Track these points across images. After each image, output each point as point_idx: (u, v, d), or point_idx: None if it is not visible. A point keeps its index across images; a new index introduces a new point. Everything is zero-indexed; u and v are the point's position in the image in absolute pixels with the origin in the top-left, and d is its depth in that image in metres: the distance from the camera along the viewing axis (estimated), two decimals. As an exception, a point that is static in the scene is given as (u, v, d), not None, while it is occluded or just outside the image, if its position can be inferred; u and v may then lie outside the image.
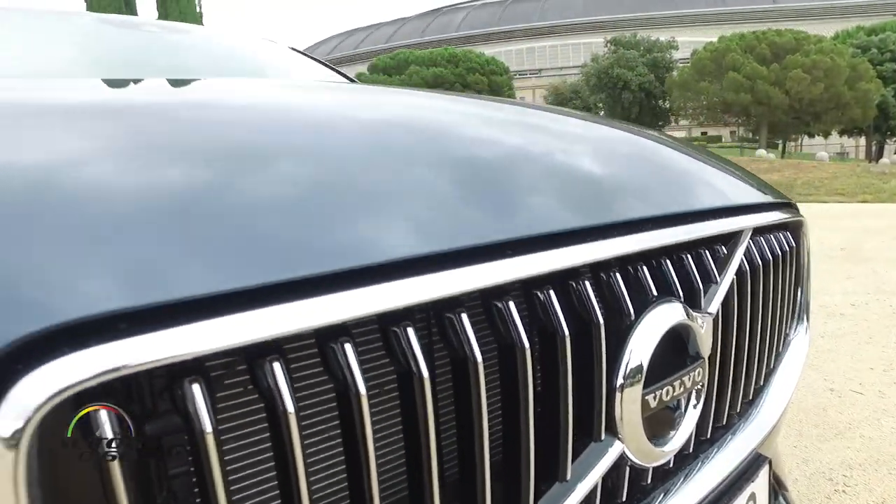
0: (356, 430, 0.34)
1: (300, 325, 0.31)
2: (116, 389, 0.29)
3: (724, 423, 0.67)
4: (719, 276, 0.60)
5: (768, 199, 0.79)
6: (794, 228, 0.82)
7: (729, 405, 0.67)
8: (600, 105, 26.99)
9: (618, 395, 0.48)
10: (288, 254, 0.34)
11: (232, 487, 0.32)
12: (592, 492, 0.48)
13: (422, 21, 63.17)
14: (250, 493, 0.36)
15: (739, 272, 0.64)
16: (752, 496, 0.67)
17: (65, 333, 0.26)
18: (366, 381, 0.34)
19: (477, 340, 0.38)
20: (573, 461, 0.46)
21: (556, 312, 0.43)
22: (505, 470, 0.44)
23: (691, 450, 0.61)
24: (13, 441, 0.24)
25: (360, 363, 0.34)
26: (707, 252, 0.60)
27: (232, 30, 2.98)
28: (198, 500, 0.30)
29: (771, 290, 0.72)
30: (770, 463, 0.72)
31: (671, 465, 0.59)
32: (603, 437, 0.48)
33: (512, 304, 0.41)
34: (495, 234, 0.42)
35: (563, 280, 0.45)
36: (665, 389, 0.51)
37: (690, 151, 0.85)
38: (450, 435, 0.43)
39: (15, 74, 1.26)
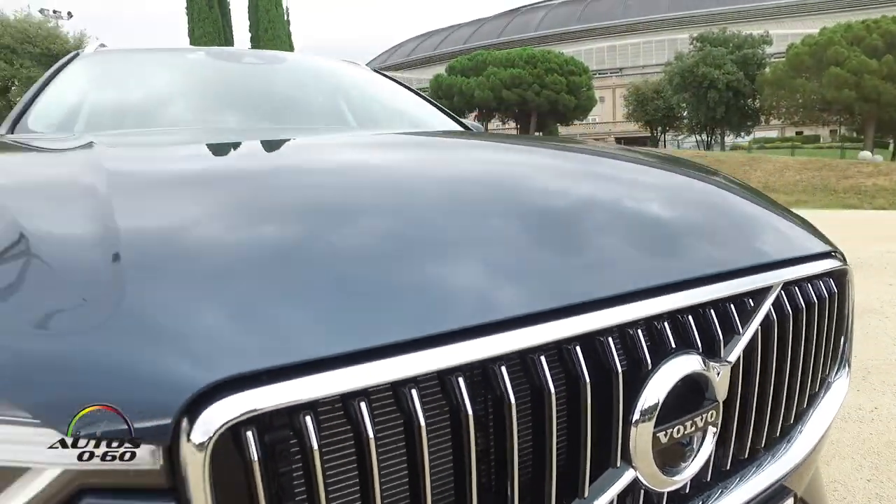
0: (418, 453, 0.47)
1: (378, 380, 0.45)
2: (259, 417, 0.42)
3: (747, 456, 0.73)
4: (743, 327, 0.66)
5: (808, 250, 0.83)
6: (838, 276, 0.84)
7: (752, 441, 0.73)
8: (683, 105, 26.25)
9: (633, 430, 0.56)
10: (373, 325, 0.49)
11: (329, 487, 0.47)
12: None
13: (500, 21, 63.57)
14: (340, 492, 0.49)
15: (767, 321, 0.69)
16: None
17: (230, 383, 0.42)
18: (425, 415, 0.46)
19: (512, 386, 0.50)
20: (591, 482, 0.56)
21: (580, 363, 0.53)
22: (535, 486, 0.55)
23: (709, 479, 0.68)
24: (202, 447, 0.40)
25: (423, 404, 0.46)
26: (732, 306, 0.67)
27: (338, 62, 3.20)
28: (303, 496, 0.45)
29: (804, 337, 0.76)
30: (795, 496, 0.77)
31: (687, 490, 0.66)
32: (619, 464, 0.57)
33: (543, 358, 0.51)
34: (537, 304, 0.54)
35: (590, 336, 0.55)
36: (676, 428, 0.59)
37: (735, 198, 0.95)
38: (489, 457, 0.54)
39: (154, 121, 1.61)
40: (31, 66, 21.72)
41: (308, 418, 0.43)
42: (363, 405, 0.45)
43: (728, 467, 0.71)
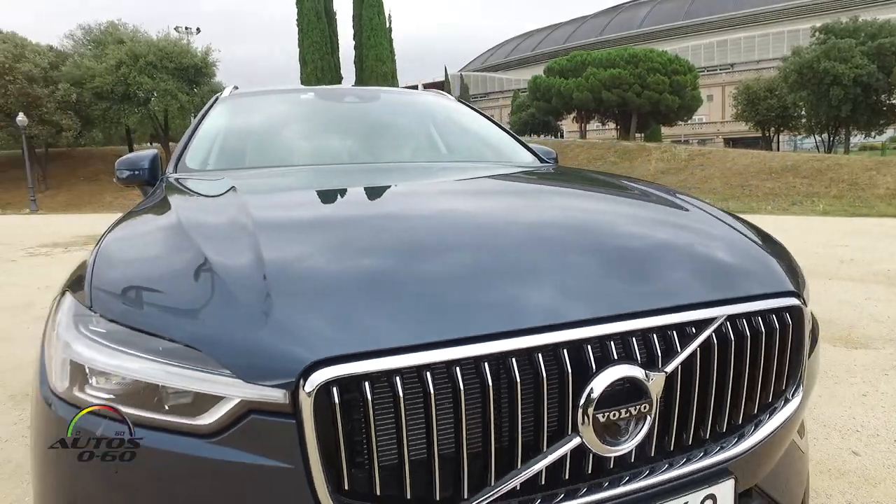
0: (432, 414, 0.78)
1: (437, 359, 0.79)
2: (339, 381, 0.76)
3: (692, 442, 0.97)
4: (682, 347, 0.90)
5: (762, 289, 1.04)
6: (793, 311, 1.04)
7: (695, 432, 0.96)
8: (800, 104, 24.30)
9: (580, 411, 0.84)
10: (404, 329, 0.82)
11: (377, 428, 0.78)
12: (562, 460, 0.86)
13: (601, 19, 62.15)
14: (382, 432, 0.79)
15: (708, 342, 0.92)
16: (712, 496, 0.95)
17: (325, 360, 0.76)
18: (436, 392, 0.78)
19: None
20: (549, 444, 0.85)
21: (540, 365, 0.83)
22: (510, 444, 0.84)
23: (653, 454, 0.94)
24: (309, 395, 0.73)
25: (435, 384, 0.78)
26: (674, 332, 0.91)
27: (430, 95, 3.49)
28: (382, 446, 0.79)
29: (749, 357, 0.96)
30: (736, 479, 0.97)
31: (633, 459, 0.92)
32: (569, 433, 0.85)
33: (514, 360, 0.82)
34: (525, 322, 0.85)
35: (552, 346, 0.84)
36: (612, 413, 0.84)
37: (711, 239, 1.20)
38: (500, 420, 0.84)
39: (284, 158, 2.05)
40: (167, 79, 24.86)
41: (366, 384, 0.77)
42: (398, 379, 0.78)
43: (672, 448, 0.95)
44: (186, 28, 46.52)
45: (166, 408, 0.81)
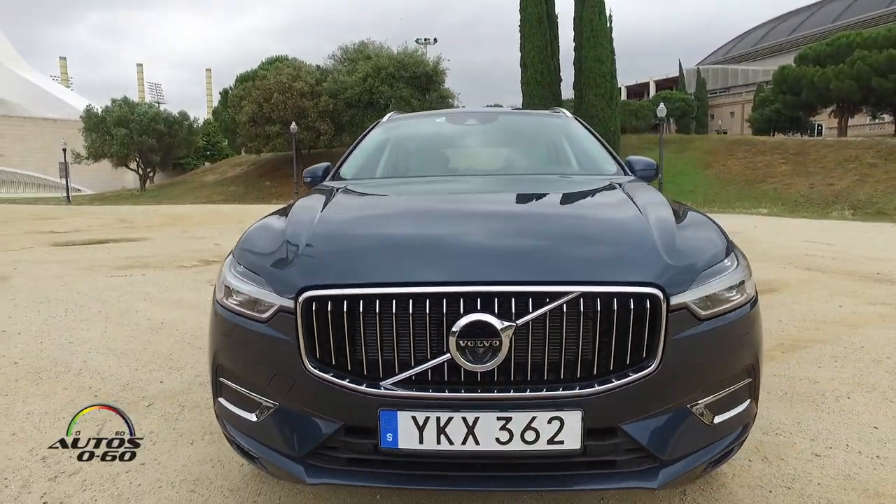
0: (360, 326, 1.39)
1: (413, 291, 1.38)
2: (316, 299, 1.41)
3: (547, 378, 1.37)
4: (535, 309, 1.33)
5: (622, 278, 1.39)
6: (651, 299, 1.37)
7: (551, 371, 1.37)
8: None
9: (451, 339, 1.29)
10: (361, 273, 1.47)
11: (349, 335, 1.41)
12: (440, 367, 1.34)
13: (888, -10, 51.62)
14: (353, 337, 1.41)
15: (560, 310, 1.33)
16: (560, 419, 1.33)
17: (311, 287, 1.43)
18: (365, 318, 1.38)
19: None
20: (432, 356, 1.34)
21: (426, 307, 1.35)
22: (410, 352, 1.38)
23: (512, 379, 1.36)
24: (300, 307, 1.40)
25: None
26: (531, 298, 1.34)
27: (547, 115, 3.75)
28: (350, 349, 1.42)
29: (599, 325, 1.35)
30: (584, 412, 1.33)
31: (496, 378, 1.35)
32: (445, 352, 1.31)
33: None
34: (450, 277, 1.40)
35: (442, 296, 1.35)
36: (471, 341, 1.30)
37: (618, 234, 1.64)
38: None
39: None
40: (403, 87, 28.79)
41: (330, 304, 1.38)
42: (350, 306, 1.38)
43: (529, 379, 1.37)
44: (425, 39, 52.51)
45: (254, 309, 1.53)
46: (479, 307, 1.34)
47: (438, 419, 1.35)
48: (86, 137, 36.48)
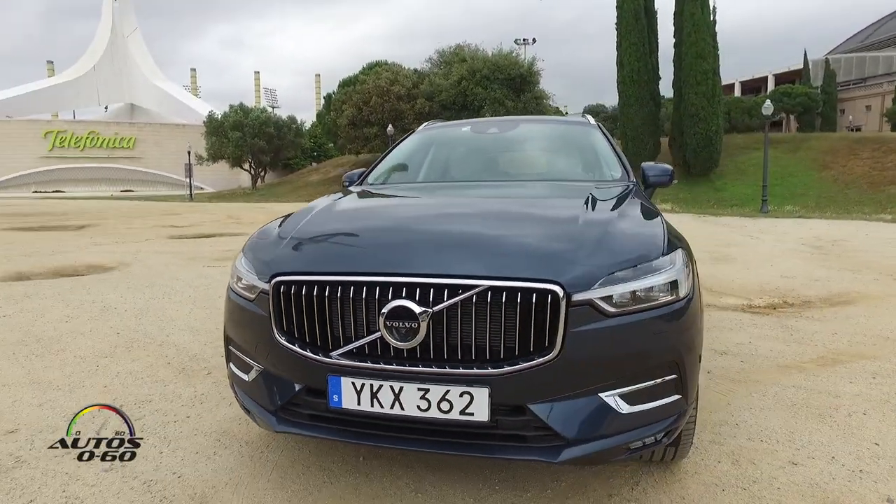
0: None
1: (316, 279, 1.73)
2: (284, 283, 1.76)
3: (461, 357, 1.60)
4: (448, 298, 1.56)
5: (525, 275, 1.59)
6: (551, 295, 1.56)
7: (462, 351, 1.60)
8: None
9: (380, 319, 1.59)
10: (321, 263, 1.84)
11: (307, 313, 1.74)
12: (375, 343, 1.65)
13: None
14: (310, 315, 1.74)
15: (469, 300, 1.57)
16: (469, 394, 1.57)
17: (281, 273, 1.78)
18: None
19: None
20: (368, 333, 1.65)
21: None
22: (353, 329, 1.70)
23: (431, 356, 1.60)
24: (271, 288, 1.77)
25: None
26: (447, 290, 1.58)
27: (567, 122, 3.89)
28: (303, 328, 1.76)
29: (504, 314, 1.57)
30: (491, 389, 1.57)
31: (418, 355, 1.60)
32: (376, 331, 1.62)
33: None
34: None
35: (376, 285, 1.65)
36: (394, 324, 1.58)
37: (542, 236, 1.83)
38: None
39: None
40: (497, 88, 29.07)
41: (294, 289, 1.73)
42: (290, 290, 1.75)
43: (445, 358, 1.60)
44: (524, 40, 52.41)
45: (248, 291, 1.90)
46: (403, 294, 1.62)
47: (372, 386, 1.65)
48: (206, 140, 40.43)
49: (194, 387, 3.06)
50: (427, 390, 1.62)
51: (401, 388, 1.63)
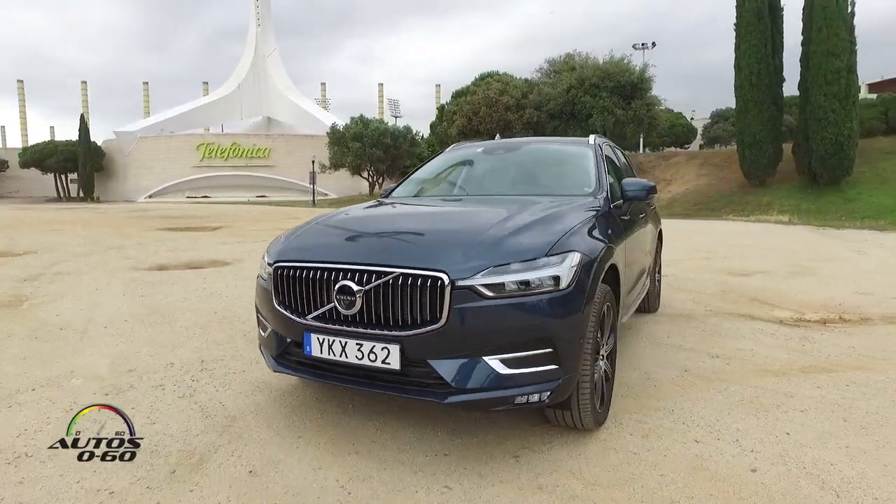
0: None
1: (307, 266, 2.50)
2: (281, 268, 2.59)
3: (383, 323, 2.28)
4: (376, 280, 2.27)
5: (421, 266, 2.24)
6: (437, 280, 2.19)
7: (384, 318, 2.28)
8: None
9: (333, 294, 2.33)
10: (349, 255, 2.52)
11: (295, 289, 2.54)
12: (329, 311, 2.38)
13: None
14: (296, 291, 2.52)
15: (388, 283, 2.26)
16: (387, 349, 2.25)
17: (281, 260, 2.62)
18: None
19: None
20: (327, 304, 2.39)
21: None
22: (318, 300, 2.46)
23: (373, 322, 2.30)
24: (273, 271, 2.61)
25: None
26: (374, 275, 2.30)
27: (567, 144, 4.32)
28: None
29: (411, 294, 2.23)
30: (402, 347, 2.23)
31: (359, 319, 2.32)
32: (331, 302, 2.35)
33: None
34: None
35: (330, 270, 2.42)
36: (340, 297, 2.31)
37: (458, 231, 2.61)
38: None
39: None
40: (605, 96, 28.72)
41: (285, 271, 2.55)
42: (282, 272, 2.58)
43: (374, 323, 2.30)
44: (643, 44, 50.80)
45: (266, 275, 2.72)
46: (347, 277, 2.34)
47: (329, 340, 2.40)
48: (329, 150, 43.99)
49: (256, 353, 4.01)
50: (361, 345, 2.33)
51: (345, 343, 2.36)
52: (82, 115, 64.24)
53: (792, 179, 23.97)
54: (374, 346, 2.31)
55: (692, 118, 65.16)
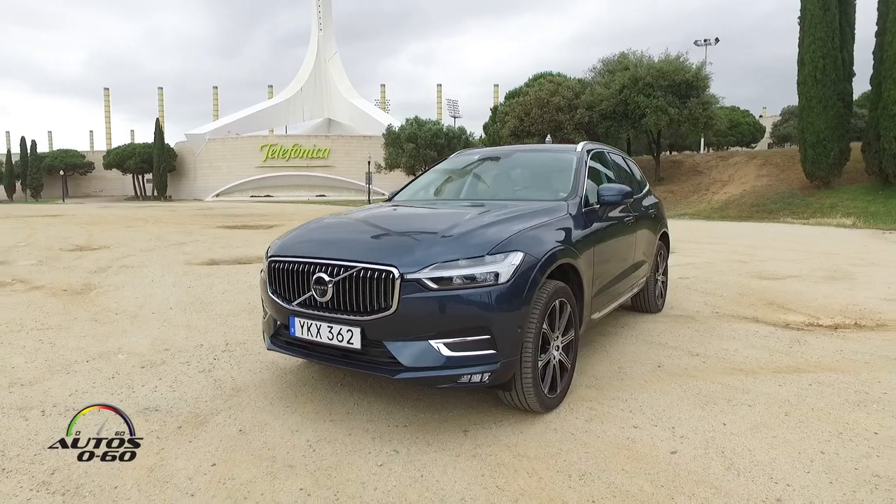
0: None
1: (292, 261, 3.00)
2: (273, 261, 3.08)
3: (349, 309, 2.70)
4: (343, 274, 2.70)
5: (378, 262, 2.64)
6: (389, 274, 2.60)
7: (351, 305, 2.70)
8: None
9: (311, 283, 2.79)
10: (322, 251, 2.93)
11: (283, 278, 3.01)
12: (308, 298, 2.83)
13: None
14: (285, 280, 2.99)
15: (350, 277, 2.68)
16: (351, 331, 2.68)
17: (273, 256, 3.12)
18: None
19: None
20: (305, 292, 2.84)
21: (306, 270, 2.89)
22: (300, 289, 2.91)
23: (345, 309, 2.71)
24: (267, 263, 3.12)
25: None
26: (342, 269, 2.72)
27: (554, 151, 4.57)
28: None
29: (369, 284, 2.64)
30: (363, 330, 2.65)
31: (331, 306, 2.75)
32: (309, 291, 2.81)
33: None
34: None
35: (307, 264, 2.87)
36: (317, 287, 2.74)
37: (416, 232, 3.03)
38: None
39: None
40: (660, 95, 28.11)
41: (277, 265, 3.02)
42: (275, 265, 3.07)
43: (342, 309, 2.73)
44: (705, 41, 49.08)
45: (264, 267, 3.18)
46: (321, 270, 2.78)
47: (308, 323, 2.85)
48: (385, 151, 45.13)
49: (273, 337, 4.53)
50: (332, 328, 2.76)
51: (320, 326, 2.80)
52: (157, 120, 68.77)
53: (861, 180, 22.76)
54: (341, 329, 2.73)
55: (761, 116, 62.28)
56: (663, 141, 35.56)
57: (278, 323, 3.07)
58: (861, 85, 22.75)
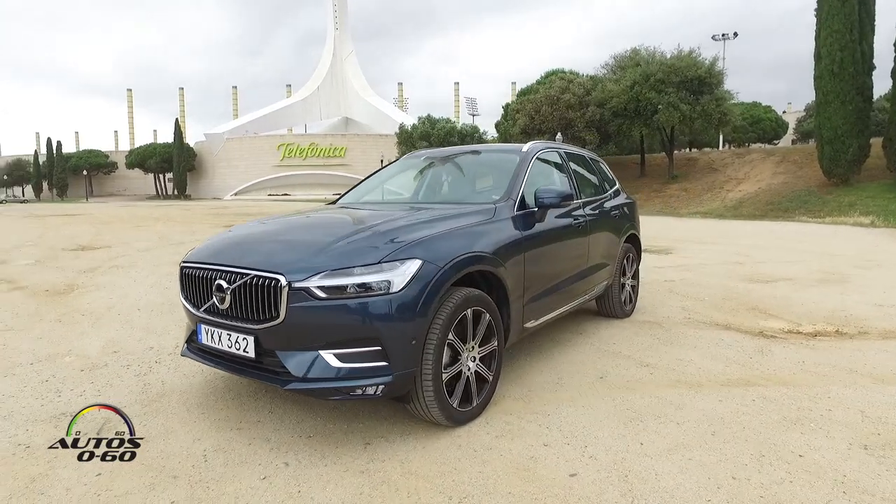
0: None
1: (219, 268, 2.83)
2: (187, 270, 3.00)
3: (245, 317, 2.64)
4: (238, 281, 2.64)
5: (274, 270, 2.55)
6: (276, 282, 2.52)
7: (246, 312, 2.62)
8: None
9: (212, 290, 2.77)
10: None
11: (193, 284, 2.96)
12: (211, 305, 2.74)
13: None
14: (196, 285, 2.92)
15: (247, 285, 2.61)
16: (246, 339, 2.63)
17: (186, 262, 3.03)
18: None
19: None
20: (209, 300, 2.85)
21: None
22: (205, 295, 2.84)
23: (234, 315, 2.69)
24: (180, 269, 3.05)
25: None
26: (237, 276, 2.67)
27: (503, 151, 4.26)
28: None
29: (259, 292, 2.57)
30: (256, 338, 2.58)
31: (233, 315, 2.69)
32: (211, 298, 2.76)
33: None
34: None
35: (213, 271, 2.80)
36: (217, 294, 2.71)
37: (316, 238, 2.87)
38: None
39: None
40: (672, 91, 27.58)
41: (187, 271, 2.99)
42: (185, 270, 3.01)
43: (239, 316, 2.66)
44: (723, 35, 48.09)
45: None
46: (221, 277, 2.72)
47: (210, 330, 2.80)
48: (398, 149, 45.21)
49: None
50: (231, 335, 2.70)
51: (221, 334, 2.75)
52: (176, 120, 69.91)
53: (882, 177, 22.04)
54: (238, 337, 2.67)
55: (784, 111, 60.82)
56: (681, 139, 34.89)
57: (191, 329, 3.03)
58: (882, 83, 22.01)
